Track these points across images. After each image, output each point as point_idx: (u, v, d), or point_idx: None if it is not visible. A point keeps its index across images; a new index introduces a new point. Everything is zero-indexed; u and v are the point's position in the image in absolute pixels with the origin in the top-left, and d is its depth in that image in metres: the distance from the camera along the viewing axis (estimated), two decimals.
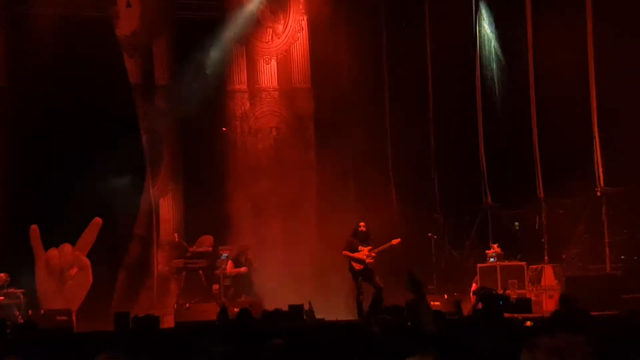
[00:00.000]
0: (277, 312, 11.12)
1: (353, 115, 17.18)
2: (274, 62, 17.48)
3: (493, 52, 16.89)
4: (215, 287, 15.69)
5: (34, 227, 14.81)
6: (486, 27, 16.98)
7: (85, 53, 15.59)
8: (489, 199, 16.74)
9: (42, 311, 13.71)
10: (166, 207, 16.75)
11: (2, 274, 14.36)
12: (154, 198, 16.57)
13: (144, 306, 15.56)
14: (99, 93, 15.67)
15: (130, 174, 16.11)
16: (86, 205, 15.15)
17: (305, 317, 12.11)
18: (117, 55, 16.24)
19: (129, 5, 16.34)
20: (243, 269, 15.67)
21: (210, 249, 16.08)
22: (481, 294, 12.45)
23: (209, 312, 13.33)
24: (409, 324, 7.07)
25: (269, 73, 17.48)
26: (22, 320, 13.09)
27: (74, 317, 13.55)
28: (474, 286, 15.16)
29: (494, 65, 16.85)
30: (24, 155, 15.29)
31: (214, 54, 16.77)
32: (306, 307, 12.58)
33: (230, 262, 15.76)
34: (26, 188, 15.02)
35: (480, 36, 16.99)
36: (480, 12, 16.96)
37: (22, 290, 14.36)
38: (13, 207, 15.01)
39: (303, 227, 17.20)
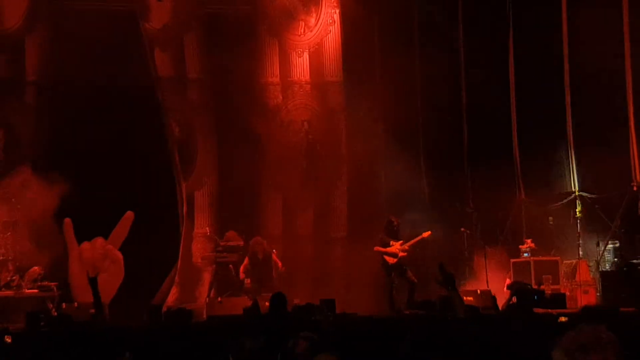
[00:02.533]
0: (308, 305, 11.07)
1: (385, 109, 17.10)
2: (306, 55, 17.43)
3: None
4: (248, 281, 15.69)
5: (67, 221, 14.90)
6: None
7: (118, 47, 15.64)
8: (523, 194, 16.60)
9: (75, 304, 13.81)
10: (201, 199, 16.79)
11: (35, 267, 14.50)
12: (189, 191, 16.60)
13: (178, 299, 15.63)
14: (131, 86, 15.73)
15: (163, 167, 16.19)
16: (119, 198, 15.22)
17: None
18: (150, 48, 16.28)
19: None
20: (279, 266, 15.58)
21: (242, 242, 16.08)
22: (515, 288, 12.35)
23: (241, 306, 13.34)
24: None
25: (301, 66, 17.44)
26: (55, 313, 13.18)
27: (106, 310, 13.61)
28: (507, 281, 15.04)
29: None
30: (56, 149, 15.38)
31: None
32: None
33: (246, 258, 15.59)
34: (59, 182, 15.10)
35: (513, 26, 16.84)
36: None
37: (56, 283, 14.48)
38: (47, 201, 15.11)
39: (334, 221, 17.16)
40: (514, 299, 11.20)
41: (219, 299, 14.48)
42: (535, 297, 11.40)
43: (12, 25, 15.67)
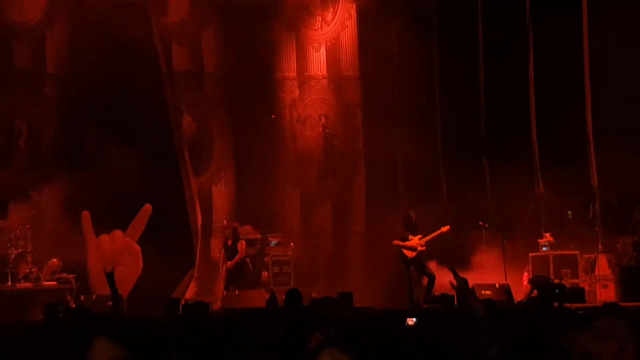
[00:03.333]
0: (326, 299, 11.06)
1: (402, 103, 17.05)
2: (323, 50, 17.42)
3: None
4: (264, 274, 15.69)
5: (86, 214, 14.95)
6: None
7: (137, 40, 15.65)
8: (542, 187, 16.51)
9: (93, 296, 13.87)
10: (218, 194, 16.79)
11: (54, 260, 14.56)
12: (206, 185, 16.62)
13: (196, 294, 15.65)
14: (150, 80, 15.75)
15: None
16: (136, 192, 15.25)
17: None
18: (165, 42, 16.29)
19: None
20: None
21: (259, 236, 16.08)
22: (537, 282, 12.30)
23: (258, 299, 13.36)
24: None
25: (318, 61, 17.42)
26: (73, 305, 13.24)
27: (124, 303, 13.64)
28: (525, 275, 14.98)
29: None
30: (75, 141, 15.44)
31: None
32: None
33: (223, 250, 15.28)
34: (78, 175, 15.16)
35: (533, 20, 16.74)
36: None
37: (74, 275, 14.54)
38: (65, 194, 15.17)
39: (351, 215, 17.14)
40: (535, 293, 11.16)
41: (237, 292, 14.48)
42: (557, 291, 11.35)
43: (33, 18, 15.71)
